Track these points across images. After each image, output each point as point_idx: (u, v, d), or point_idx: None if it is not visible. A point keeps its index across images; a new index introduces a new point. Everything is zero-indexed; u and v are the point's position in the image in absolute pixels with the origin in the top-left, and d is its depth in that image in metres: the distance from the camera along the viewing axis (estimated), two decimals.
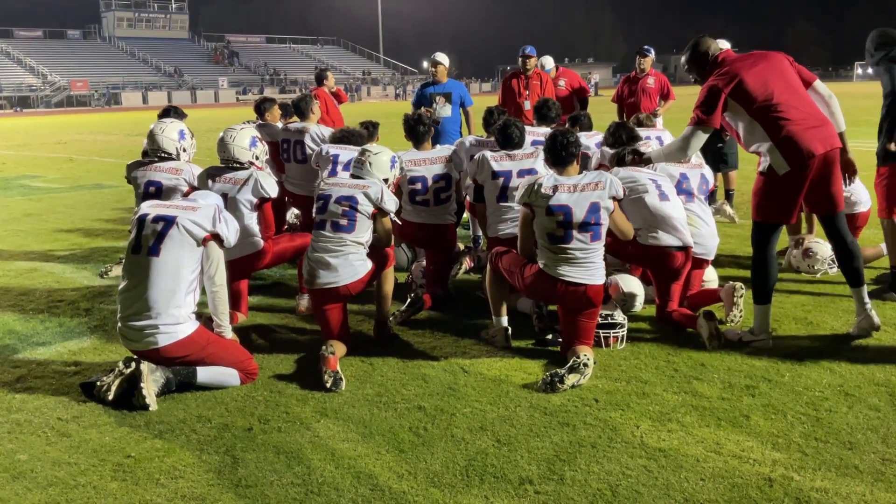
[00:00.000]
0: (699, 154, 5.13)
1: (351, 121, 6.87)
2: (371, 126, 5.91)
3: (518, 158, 4.80)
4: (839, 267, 4.31)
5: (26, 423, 3.48)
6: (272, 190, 4.68)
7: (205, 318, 4.05)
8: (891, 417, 3.30)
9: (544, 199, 3.89)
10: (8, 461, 3.14)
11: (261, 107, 7.07)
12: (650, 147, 4.96)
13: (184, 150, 5.17)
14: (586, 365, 3.73)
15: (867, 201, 5.74)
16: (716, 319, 4.18)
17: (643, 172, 4.52)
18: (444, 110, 8.07)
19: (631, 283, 4.41)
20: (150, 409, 3.54)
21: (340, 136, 5.57)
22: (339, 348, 4.09)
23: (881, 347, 4.13)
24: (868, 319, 4.23)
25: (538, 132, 5.54)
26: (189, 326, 3.74)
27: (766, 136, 3.95)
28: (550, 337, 4.36)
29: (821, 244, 5.54)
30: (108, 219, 8.99)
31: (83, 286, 5.87)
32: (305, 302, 5.00)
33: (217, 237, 3.86)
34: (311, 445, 3.20)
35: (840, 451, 3.02)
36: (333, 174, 5.21)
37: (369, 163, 4.39)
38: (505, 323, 4.31)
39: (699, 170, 4.85)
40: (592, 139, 5.81)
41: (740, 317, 4.48)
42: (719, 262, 5.63)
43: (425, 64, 58.87)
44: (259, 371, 3.94)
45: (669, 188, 4.53)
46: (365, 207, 4.20)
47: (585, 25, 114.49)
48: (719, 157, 7.62)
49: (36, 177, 13.49)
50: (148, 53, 65.28)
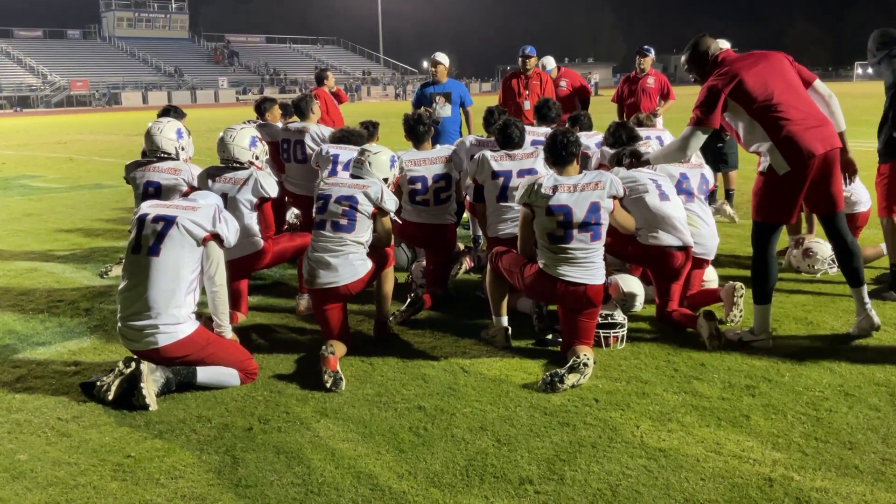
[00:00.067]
0: (699, 154, 5.13)
1: (351, 121, 6.87)
2: (371, 126, 5.92)
3: (518, 158, 4.80)
4: (839, 267, 4.31)
5: (26, 423, 3.48)
6: (272, 190, 4.68)
7: (205, 318, 4.05)
8: (891, 417, 3.30)
9: (544, 200, 3.89)
10: (8, 461, 3.14)
11: (261, 107, 7.07)
12: (650, 147, 4.95)
13: (182, 149, 5.17)
14: (586, 365, 3.73)
15: (867, 201, 5.75)
16: (716, 319, 4.18)
17: (643, 172, 4.52)
18: (444, 110, 8.08)
19: (631, 283, 4.41)
20: (150, 409, 3.54)
21: (340, 136, 5.57)
22: (339, 348, 4.09)
23: (881, 347, 4.13)
24: (868, 319, 4.23)
25: (538, 132, 5.54)
26: (189, 326, 3.74)
27: (766, 136, 3.95)
28: (550, 337, 4.36)
29: (821, 244, 5.54)
30: (108, 219, 8.99)
31: (83, 286, 5.87)
32: (305, 302, 5.00)
33: (217, 237, 3.86)
34: (311, 445, 3.20)
35: (840, 451, 3.02)
36: (333, 174, 5.21)
37: (369, 162, 4.40)
38: (505, 323, 4.31)
39: (699, 170, 4.86)
40: (592, 139, 5.82)
41: (740, 317, 4.48)
42: (719, 262, 5.63)
43: (425, 64, 58.91)
44: (259, 371, 3.94)
45: (670, 188, 4.53)
46: (365, 207, 4.20)
47: (585, 25, 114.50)
48: (719, 157, 7.63)
49: (36, 177, 13.49)
50: (148, 53, 65.27)
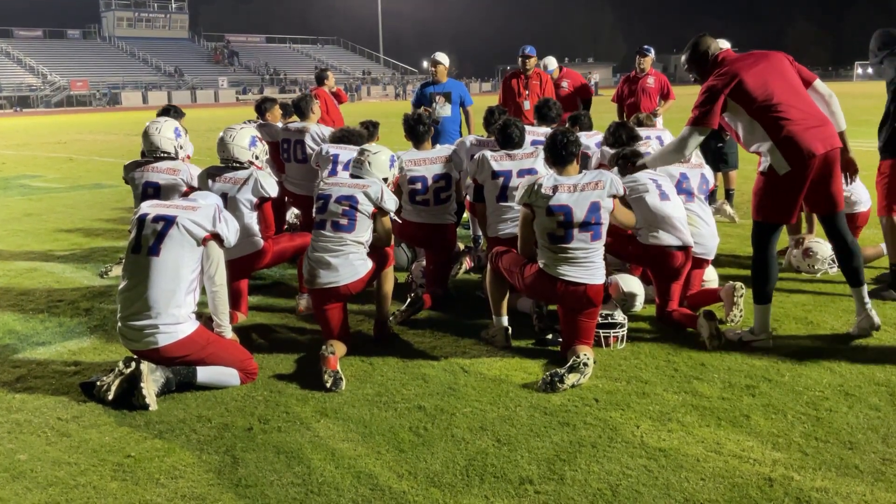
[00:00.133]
0: (699, 154, 5.13)
1: (351, 121, 6.87)
2: (371, 126, 5.92)
3: (518, 158, 4.80)
4: (839, 267, 4.31)
5: (26, 423, 3.48)
6: (272, 189, 4.68)
7: (205, 318, 4.05)
8: (891, 417, 3.30)
9: (544, 200, 3.89)
10: (8, 461, 3.14)
11: (262, 107, 7.07)
12: (650, 147, 4.95)
13: (181, 148, 5.17)
14: (586, 364, 3.73)
15: (867, 201, 5.75)
16: (716, 319, 4.18)
17: (643, 172, 4.51)
18: (444, 110, 8.08)
19: (631, 283, 4.40)
20: (150, 409, 3.54)
21: (340, 136, 5.57)
22: (339, 348, 4.09)
23: (881, 347, 4.13)
24: (868, 319, 4.23)
25: (538, 132, 5.54)
26: (189, 326, 3.74)
27: (767, 136, 3.95)
28: (550, 337, 4.36)
29: (821, 244, 5.55)
30: (108, 219, 8.99)
31: (83, 286, 5.87)
32: (305, 302, 5.00)
33: (217, 237, 3.86)
34: (311, 445, 3.20)
35: (840, 451, 3.02)
36: (333, 174, 5.21)
37: (368, 162, 4.39)
38: (505, 323, 4.31)
39: (699, 169, 4.85)
40: (592, 139, 5.82)
41: (740, 317, 4.48)
42: (719, 262, 5.63)
43: (425, 64, 58.94)
44: (259, 371, 3.94)
45: (670, 188, 4.53)
46: (365, 207, 4.20)
47: (585, 25, 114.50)
48: (719, 157, 7.63)
49: (36, 177, 13.49)
50: (148, 53, 65.24)
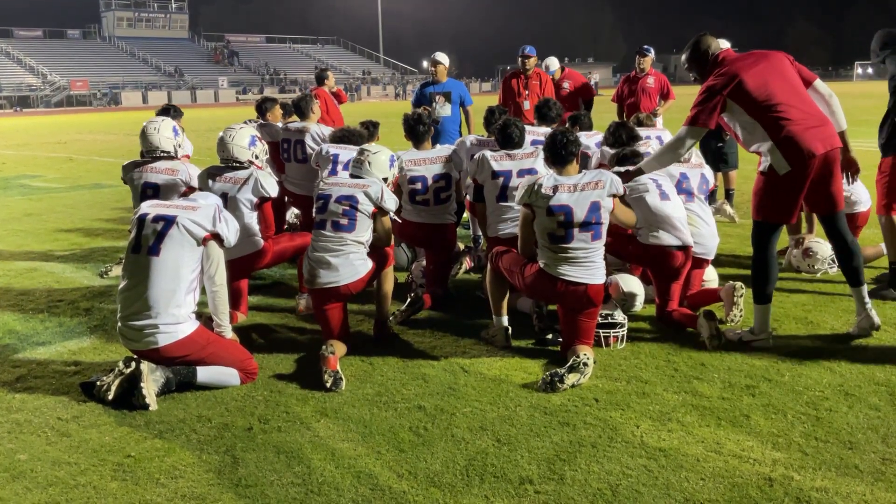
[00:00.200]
0: (699, 154, 5.13)
1: (351, 121, 6.87)
2: (371, 126, 5.92)
3: (518, 158, 4.80)
4: (839, 266, 4.31)
5: (26, 423, 3.48)
6: (272, 189, 4.68)
7: (205, 318, 4.05)
8: (891, 417, 3.30)
9: (544, 200, 3.89)
10: (8, 461, 3.14)
11: (262, 107, 7.07)
12: (650, 147, 4.95)
13: (179, 146, 5.17)
14: (586, 364, 3.73)
15: (867, 201, 5.75)
16: (716, 319, 4.18)
17: None
18: (444, 110, 8.08)
19: (631, 283, 4.41)
20: (150, 409, 3.54)
21: (340, 136, 5.57)
22: (339, 348, 4.09)
23: (881, 347, 4.13)
24: (868, 319, 4.23)
25: (538, 132, 5.54)
26: (189, 326, 3.74)
27: (767, 136, 3.94)
28: (550, 337, 4.36)
29: (821, 244, 5.55)
30: (108, 218, 8.99)
31: (83, 286, 5.87)
32: (305, 302, 4.99)
33: (217, 237, 3.86)
34: (311, 445, 3.20)
35: (840, 451, 3.02)
36: (333, 174, 5.21)
37: (368, 162, 4.39)
38: (505, 322, 4.31)
39: (699, 169, 4.85)
40: (592, 139, 5.82)
41: (740, 316, 4.48)
42: (719, 262, 5.63)
43: (425, 64, 58.94)
44: (259, 371, 3.94)
45: (670, 188, 4.53)
46: (365, 207, 4.20)
47: (585, 25, 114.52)
48: (719, 157, 7.64)
49: (36, 176, 13.49)
50: (148, 53, 65.23)
